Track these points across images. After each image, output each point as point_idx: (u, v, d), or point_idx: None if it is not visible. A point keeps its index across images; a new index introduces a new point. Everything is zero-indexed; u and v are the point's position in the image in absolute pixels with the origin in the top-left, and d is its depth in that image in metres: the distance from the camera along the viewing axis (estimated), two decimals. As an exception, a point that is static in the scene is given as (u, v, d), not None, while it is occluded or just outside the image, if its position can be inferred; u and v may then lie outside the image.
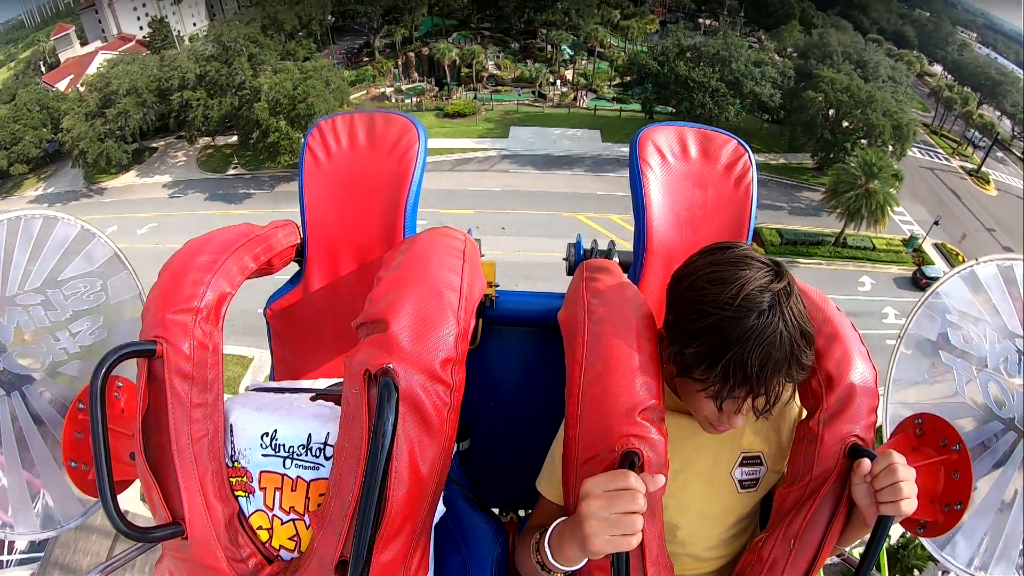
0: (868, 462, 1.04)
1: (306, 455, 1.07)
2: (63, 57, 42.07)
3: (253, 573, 1.08)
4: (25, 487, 1.45)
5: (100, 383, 1.00)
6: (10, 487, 1.45)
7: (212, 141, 35.06)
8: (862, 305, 23.73)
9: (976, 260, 1.53)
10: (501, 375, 1.85)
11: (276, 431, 1.09)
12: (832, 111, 30.77)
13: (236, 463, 1.11)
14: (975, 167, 36.35)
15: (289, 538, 1.09)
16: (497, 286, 1.72)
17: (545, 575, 1.11)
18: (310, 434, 1.08)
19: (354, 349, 1.01)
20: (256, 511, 1.10)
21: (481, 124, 36.13)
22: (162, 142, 36.24)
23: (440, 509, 1.19)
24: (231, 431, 1.12)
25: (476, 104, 37.61)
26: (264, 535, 1.10)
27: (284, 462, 1.08)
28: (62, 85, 37.43)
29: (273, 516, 1.09)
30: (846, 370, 1.14)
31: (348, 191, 1.62)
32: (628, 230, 1.67)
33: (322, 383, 1.38)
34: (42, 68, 41.52)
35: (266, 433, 1.09)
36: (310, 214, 1.63)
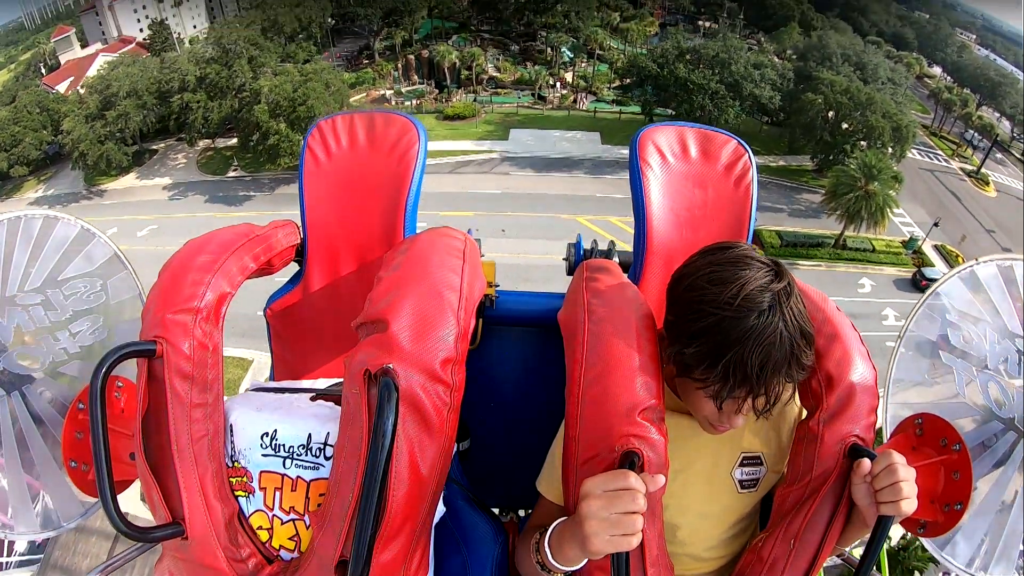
0: (868, 462, 1.04)
1: (306, 455, 1.07)
2: (63, 59, 42.17)
3: (253, 573, 1.07)
4: (25, 487, 1.45)
5: (100, 383, 1.00)
6: (10, 487, 1.45)
7: (212, 143, 35.11)
8: (862, 307, 23.74)
9: (976, 260, 1.53)
10: (501, 375, 1.85)
11: (276, 431, 1.09)
12: (832, 113, 30.83)
13: (236, 463, 1.11)
14: (975, 168, 36.40)
15: (289, 538, 1.09)
16: (497, 286, 1.72)
17: (545, 575, 1.11)
18: (310, 434, 1.08)
19: (354, 349, 1.01)
20: (256, 511, 1.10)
21: (481, 126, 36.18)
22: (162, 144, 36.31)
23: (440, 509, 1.18)
24: (231, 431, 1.12)
25: (476, 106, 37.64)
26: (264, 535, 1.10)
27: (284, 462, 1.08)
28: (62, 87, 37.53)
29: (273, 516, 1.09)
30: (846, 370, 1.14)
31: (348, 191, 1.62)
32: (628, 232, 1.66)
33: (322, 383, 1.37)
34: (42, 70, 41.61)
35: (266, 433, 1.09)
36: (310, 214, 1.63)
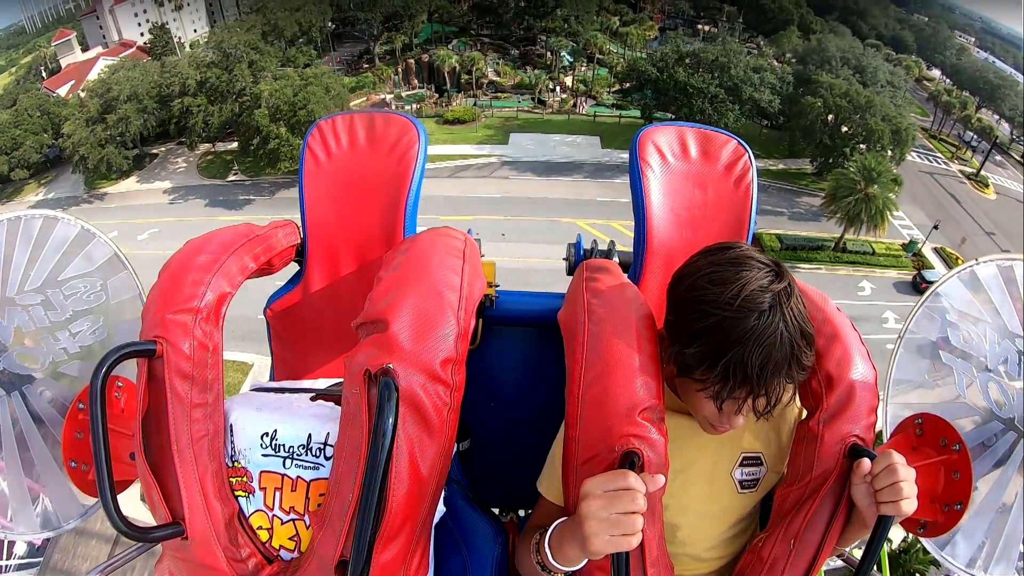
0: (868, 462, 1.04)
1: (306, 455, 1.07)
2: (64, 63, 42.30)
3: (253, 573, 1.07)
4: (25, 487, 1.45)
5: (100, 383, 1.00)
6: (10, 487, 1.44)
7: (212, 147, 35.16)
8: (862, 309, 23.74)
9: (976, 260, 1.52)
10: (501, 375, 1.84)
11: (276, 431, 1.09)
12: (831, 116, 30.87)
13: (236, 463, 1.11)
14: (974, 171, 36.48)
15: (289, 538, 1.09)
16: (497, 286, 1.72)
17: (545, 575, 1.11)
18: (310, 434, 1.08)
19: (354, 349, 1.01)
20: (256, 511, 1.10)
21: (481, 131, 36.22)
22: (163, 148, 36.40)
23: (440, 509, 1.18)
24: (231, 431, 1.12)
25: (476, 111, 37.69)
26: (264, 535, 1.10)
27: (284, 462, 1.08)
28: (63, 91, 37.64)
29: (273, 516, 1.09)
30: (846, 370, 1.14)
31: (348, 191, 1.63)
32: (628, 236, 1.67)
33: (322, 383, 1.37)
34: (43, 73, 41.72)
35: (266, 433, 1.09)
36: (310, 214, 1.63)
